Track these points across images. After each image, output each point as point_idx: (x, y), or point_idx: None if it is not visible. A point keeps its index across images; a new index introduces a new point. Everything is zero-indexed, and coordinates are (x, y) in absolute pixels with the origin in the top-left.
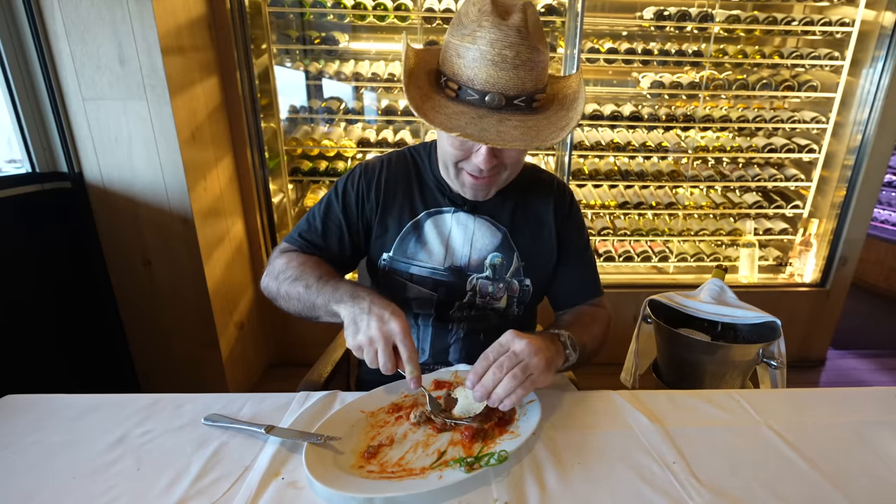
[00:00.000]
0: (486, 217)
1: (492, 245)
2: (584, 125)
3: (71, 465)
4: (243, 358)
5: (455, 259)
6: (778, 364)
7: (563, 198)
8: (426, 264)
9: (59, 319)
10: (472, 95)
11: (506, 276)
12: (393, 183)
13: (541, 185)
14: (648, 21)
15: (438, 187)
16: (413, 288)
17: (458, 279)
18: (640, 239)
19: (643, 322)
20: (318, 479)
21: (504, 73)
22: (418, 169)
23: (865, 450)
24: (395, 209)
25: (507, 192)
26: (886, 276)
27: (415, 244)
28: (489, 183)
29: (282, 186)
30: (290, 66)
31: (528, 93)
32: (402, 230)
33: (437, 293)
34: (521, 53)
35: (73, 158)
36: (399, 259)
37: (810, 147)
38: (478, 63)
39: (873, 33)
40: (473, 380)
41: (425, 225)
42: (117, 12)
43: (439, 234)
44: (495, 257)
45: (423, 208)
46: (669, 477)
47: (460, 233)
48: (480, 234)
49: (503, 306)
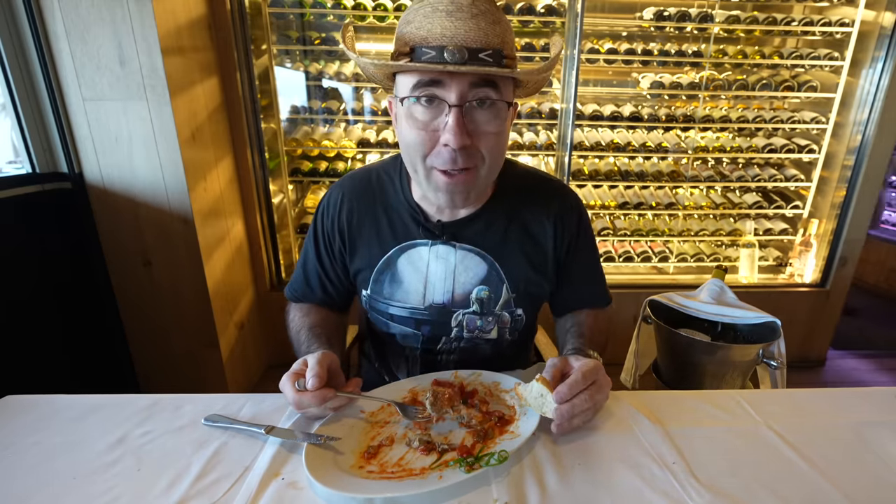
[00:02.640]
0: (468, 247)
1: (477, 278)
2: (584, 125)
3: (71, 466)
4: (243, 358)
5: (436, 296)
6: (778, 364)
7: (570, 216)
8: (404, 304)
9: (60, 320)
10: (427, 53)
11: (494, 309)
12: (357, 216)
13: (539, 202)
14: (648, 21)
15: (412, 215)
16: (395, 326)
17: (441, 317)
18: (640, 239)
19: (643, 322)
20: (318, 479)
21: (462, 24)
22: (385, 194)
23: (865, 450)
24: (363, 246)
25: (494, 210)
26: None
27: (390, 283)
28: (466, 180)
29: (282, 187)
30: (290, 66)
31: (494, 47)
32: (374, 269)
33: (421, 331)
34: (478, 2)
35: (73, 159)
36: (377, 299)
37: (810, 147)
38: (430, 18)
39: (873, 34)
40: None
41: (398, 261)
42: (117, 12)
43: (416, 271)
44: (481, 291)
45: (395, 243)
46: (669, 477)
47: (440, 267)
48: (464, 268)
49: (494, 337)
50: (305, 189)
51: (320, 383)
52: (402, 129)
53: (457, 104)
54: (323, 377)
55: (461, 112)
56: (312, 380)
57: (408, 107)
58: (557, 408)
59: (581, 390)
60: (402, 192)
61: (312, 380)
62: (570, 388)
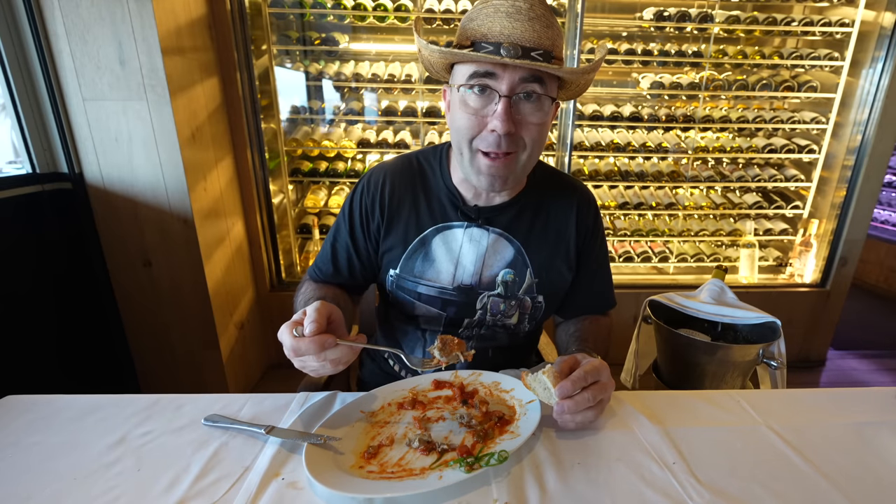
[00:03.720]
0: (500, 231)
1: (504, 261)
2: (584, 126)
3: (71, 466)
4: (243, 358)
5: (465, 277)
6: (778, 364)
7: (587, 210)
8: (434, 283)
9: (60, 320)
10: (486, 48)
11: (518, 293)
12: (398, 196)
13: (562, 194)
14: (648, 22)
15: (450, 198)
16: (421, 307)
17: (468, 298)
18: (640, 239)
19: (643, 322)
20: (319, 479)
21: (519, 24)
22: (426, 178)
23: (865, 450)
24: (400, 224)
25: (525, 201)
26: (886, 277)
27: (422, 262)
28: (507, 164)
29: (282, 187)
30: (291, 66)
31: (545, 48)
32: (407, 247)
33: (447, 312)
34: (536, 7)
35: (73, 159)
36: (406, 277)
37: (810, 147)
38: (491, 18)
39: (873, 34)
40: (570, 389)
41: (433, 241)
42: (117, 13)
43: (448, 251)
44: (507, 274)
45: (431, 223)
46: (669, 477)
47: (472, 249)
48: (493, 251)
49: (514, 323)
50: (305, 189)
51: (318, 329)
52: (455, 115)
53: (506, 94)
54: (322, 324)
55: (509, 102)
56: (311, 325)
57: (462, 94)
58: (559, 402)
59: (584, 387)
60: (443, 177)
61: (311, 325)
62: (574, 383)
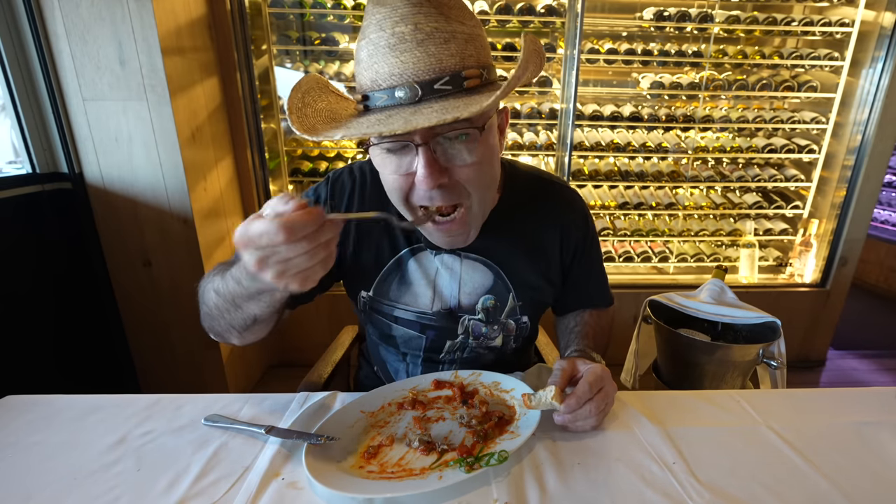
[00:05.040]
0: (474, 256)
1: (483, 287)
2: (584, 125)
3: (71, 466)
4: (243, 359)
5: (444, 302)
6: (778, 364)
7: (573, 224)
8: (412, 308)
9: (60, 320)
10: (380, 99)
11: (500, 317)
12: (371, 207)
13: (545, 209)
14: (648, 22)
15: None
16: (398, 328)
17: (448, 322)
18: (640, 239)
19: (643, 322)
20: (318, 479)
21: (409, 55)
22: None
23: (865, 450)
24: (371, 241)
25: (501, 222)
26: (886, 277)
27: (397, 286)
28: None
29: (282, 187)
30: (291, 66)
31: (451, 71)
32: (381, 269)
33: (426, 335)
34: (422, 24)
35: (73, 159)
36: (380, 301)
37: (810, 147)
38: (374, 58)
39: (873, 34)
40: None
41: (409, 264)
42: (117, 13)
43: (425, 275)
44: (487, 300)
45: (406, 244)
46: (669, 477)
47: (447, 275)
48: (469, 278)
49: (499, 345)
50: (305, 189)
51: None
52: (381, 173)
53: (422, 143)
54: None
55: (429, 150)
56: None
57: (378, 155)
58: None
59: (588, 399)
60: None
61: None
62: (579, 400)
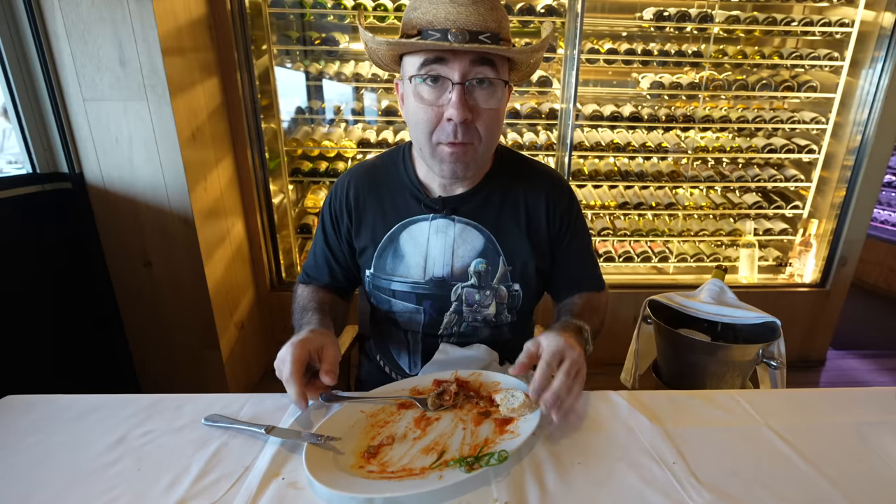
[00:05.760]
0: (467, 220)
1: (475, 251)
2: (584, 125)
3: (71, 466)
4: (244, 358)
5: (436, 270)
6: (778, 364)
7: (558, 195)
8: (406, 279)
9: (60, 320)
10: (433, 35)
11: (492, 282)
12: (363, 197)
13: (531, 181)
14: (648, 22)
15: (413, 193)
16: (397, 303)
17: (441, 290)
18: (640, 239)
19: (643, 322)
20: (319, 479)
21: (464, 9)
22: (389, 176)
23: (865, 450)
24: (368, 224)
25: (491, 188)
26: (886, 277)
27: (392, 259)
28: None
29: (282, 187)
30: (291, 66)
31: (492, 31)
32: (377, 246)
33: (423, 306)
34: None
35: (73, 159)
36: (379, 276)
37: (810, 147)
38: (435, 5)
39: (873, 34)
40: (540, 387)
41: (401, 237)
42: (118, 13)
43: (416, 245)
44: (479, 263)
45: (397, 220)
46: (669, 477)
47: (439, 241)
48: (462, 241)
49: (493, 314)
50: (305, 189)
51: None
52: (410, 108)
53: (459, 81)
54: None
55: (463, 89)
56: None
57: (415, 86)
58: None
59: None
60: (406, 173)
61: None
62: (543, 377)
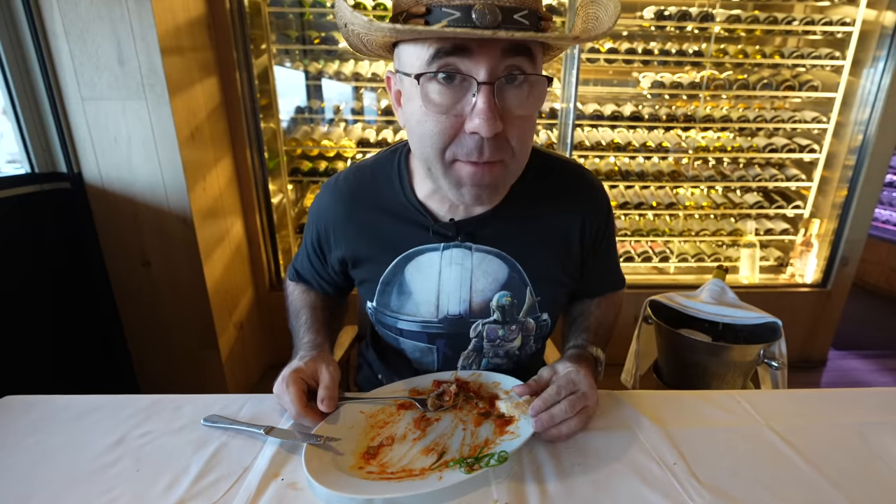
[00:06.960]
0: (487, 248)
1: (497, 283)
2: (585, 125)
3: (70, 466)
4: (243, 358)
5: (450, 307)
6: (779, 365)
7: (596, 209)
8: (414, 318)
9: (59, 320)
10: (450, 14)
11: (518, 316)
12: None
13: (565, 197)
14: (649, 21)
15: (417, 218)
16: (406, 342)
17: (457, 328)
18: (641, 239)
19: (644, 322)
20: (318, 480)
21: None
22: (383, 196)
23: (867, 450)
24: (364, 256)
25: (516, 207)
26: (888, 277)
27: (398, 296)
28: (493, 173)
29: (281, 187)
30: (290, 66)
31: (530, 6)
32: (378, 281)
33: (436, 345)
34: None
35: (72, 159)
36: (383, 312)
37: (811, 147)
38: None
39: (874, 33)
40: (540, 407)
41: (405, 271)
42: (116, 12)
43: (425, 280)
44: (503, 297)
45: (398, 251)
46: (670, 478)
47: (454, 274)
48: (481, 273)
49: (517, 346)
50: (305, 189)
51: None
52: (413, 114)
53: (487, 81)
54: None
55: (492, 91)
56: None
57: (421, 84)
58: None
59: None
60: (404, 191)
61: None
62: (544, 402)
